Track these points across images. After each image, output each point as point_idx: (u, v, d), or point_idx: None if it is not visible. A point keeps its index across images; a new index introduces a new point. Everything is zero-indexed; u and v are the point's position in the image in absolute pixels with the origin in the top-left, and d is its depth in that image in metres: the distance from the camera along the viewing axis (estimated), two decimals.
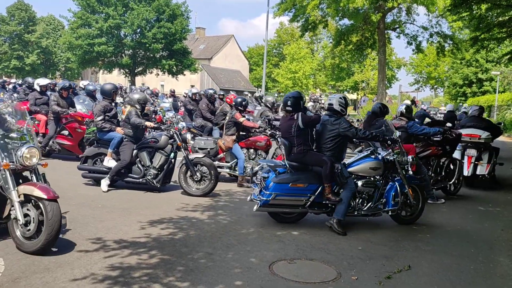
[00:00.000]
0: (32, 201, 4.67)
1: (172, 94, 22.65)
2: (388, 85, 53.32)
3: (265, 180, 6.15)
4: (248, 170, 8.85)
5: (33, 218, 4.64)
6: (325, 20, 28.00)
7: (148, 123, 7.94)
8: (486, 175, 9.34)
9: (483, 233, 6.47)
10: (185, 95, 18.40)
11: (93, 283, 4.09)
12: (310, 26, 28.06)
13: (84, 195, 7.39)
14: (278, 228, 6.09)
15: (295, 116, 6.21)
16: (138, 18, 35.50)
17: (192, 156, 8.00)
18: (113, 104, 8.77)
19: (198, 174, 7.83)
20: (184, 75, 41.89)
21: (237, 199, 7.76)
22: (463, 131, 9.26)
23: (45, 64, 53.42)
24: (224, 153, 8.91)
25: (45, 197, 4.56)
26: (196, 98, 14.43)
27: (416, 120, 8.71)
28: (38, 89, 11.16)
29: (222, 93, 15.13)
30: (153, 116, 11.84)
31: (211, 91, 12.58)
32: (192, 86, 44.96)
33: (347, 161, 6.51)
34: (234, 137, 8.78)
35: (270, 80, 56.25)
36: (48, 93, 11.78)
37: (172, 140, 7.95)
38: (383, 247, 5.55)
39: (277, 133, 8.91)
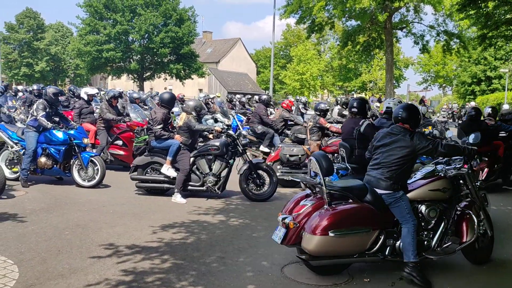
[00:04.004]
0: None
1: (182, 100, 22.75)
2: (396, 84, 53.15)
3: None
4: None
5: None
6: (331, 21, 28.01)
7: (217, 128, 8.08)
8: None
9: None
10: None
11: None
12: (316, 28, 28.09)
13: (95, 201, 7.45)
14: None
15: (361, 122, 6.28)
16: (146, 24, 35.75)
17: (255, 160, 8.10)
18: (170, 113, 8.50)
19: (261, 179, 7.93)
20: (192, 79, 42.04)
21: (248, 202, 7.78)
22: None
23: (54, 71, 53.85)
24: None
25: None
26: (205, 103, 14.49)
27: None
28: (86, 97, 10.84)
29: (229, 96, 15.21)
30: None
31: (266, 96, 12.34)
32: (200, 91, 45.18)
33: None
34: (319, 142, 8.84)
35: (278, 82, 56.25)
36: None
37: (231, 147, 7.97)
38: None
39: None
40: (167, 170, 7.80)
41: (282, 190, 8.88)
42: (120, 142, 10.18)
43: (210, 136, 8.44)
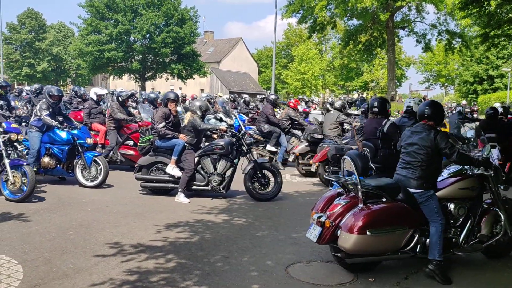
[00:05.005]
0: None
1: (184, 99, 22.72)
2: (398, 84, 53.07)
3: None
4: None
5: None
6: (333, 20, 27.98)
7: (222, 127, 8.10)
8: None
9: None
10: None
11: None
12: (318, 27, 28.06)
13: (98, 201, 7.44)
14: (292, 230, 6.08)
15: (383, 121, 6.28)
16: (147, 23, 35.78)
17: (260, 160, 8.09)
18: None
19: (265, 178, 7.92)
20: (194, 79, 42.04)
21: (251, 202, 7.77)
22: None
23: (56, 71, 53.88)
24: None
25: None
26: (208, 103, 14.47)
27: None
28: (95, 98, 10.83)
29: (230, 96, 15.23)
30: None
31: (273, 97, 12.41)
32: (202, 90, 45.19)
33: None
34: None
35: (279, 81, 56.21)
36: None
37: (236, 146, 7.95)
38: None
39: None
40: (172, 169, 7.78)
41: (302, 190, 8.92)
42: (131, 142, 10.13)
43: (215, 136, 8.43)
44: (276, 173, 7.94)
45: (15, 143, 7.85)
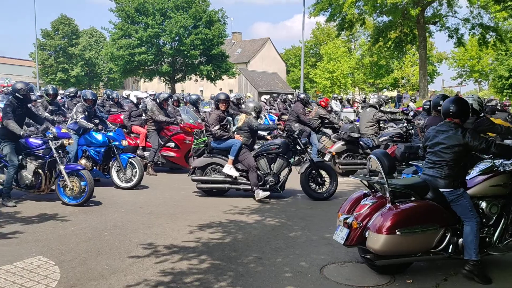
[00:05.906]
0: None
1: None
2: (430, 80, 51.96)
3: None
4: None
5: None
6: (362, 18, 27.58)
7: (280, 126, 8.17)
8: None
9: None
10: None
11: None
12: (347, 25, 27.70)
13: (131, 202, 7.53)
14: (325, 230, 6.00)
15: None
16: (176, 26, 36.10)
17: (316, 159, 8.10)
18: (225, 113, 8.47)
19: (321, 177, 7.93)
20: (223, 79, 42.24)
21: (283, 202, 7.72)
22: None
23: (89, 75, 55.16)
24: None
25: None
26: (236, 103, 14.46)
27: None
28: (135, 101, 11.05)
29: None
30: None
31: (303, 95, 12.44)
32: (231, 91, 45.36)
33: None
34: None
35: (308, 81, 55.88)
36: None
37: (291, 146, 7.99)
38: None
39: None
40: (230, 169, 7.80)
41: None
42: (172, 144, 10.25)
43: (268, 137, 8.49)
44: (332, 172, 7.92)
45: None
